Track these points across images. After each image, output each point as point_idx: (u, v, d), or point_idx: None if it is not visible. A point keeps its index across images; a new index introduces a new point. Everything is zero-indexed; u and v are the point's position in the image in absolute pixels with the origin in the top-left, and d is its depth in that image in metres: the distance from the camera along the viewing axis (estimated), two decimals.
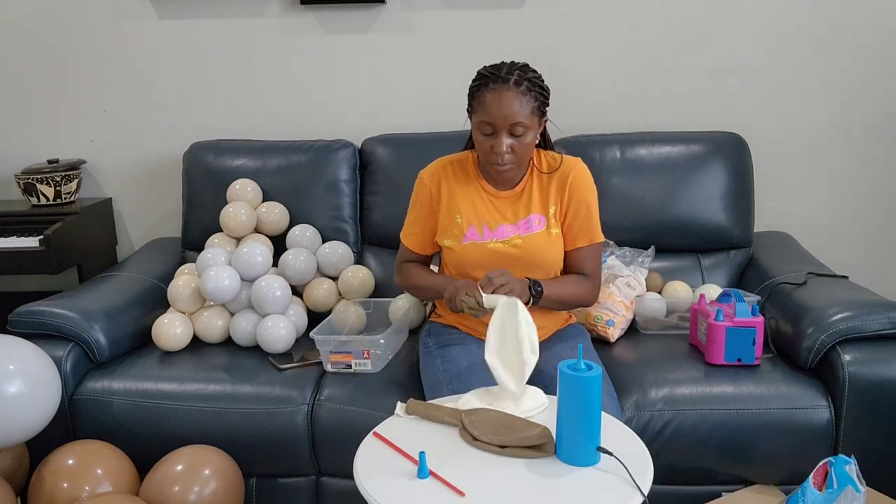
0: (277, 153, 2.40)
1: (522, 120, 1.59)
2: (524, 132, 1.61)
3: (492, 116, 1.59)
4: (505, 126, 1.60)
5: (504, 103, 1.58)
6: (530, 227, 1.73)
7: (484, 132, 1.63)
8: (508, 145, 1.62)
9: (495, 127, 1.61)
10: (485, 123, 1.61)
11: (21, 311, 1.92)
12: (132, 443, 1.84)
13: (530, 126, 1.62)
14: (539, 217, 1.74)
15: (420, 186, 1.80)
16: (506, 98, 1.58)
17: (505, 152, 1.62)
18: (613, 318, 2.00)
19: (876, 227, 2.53)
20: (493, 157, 1.64)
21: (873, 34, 2.39)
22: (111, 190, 2.68)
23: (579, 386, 1.23)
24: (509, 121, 1.59)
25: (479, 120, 1.63)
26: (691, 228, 2.26)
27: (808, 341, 1.76)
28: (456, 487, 1.19)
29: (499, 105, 1.58)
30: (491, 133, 1.62)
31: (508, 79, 1.60)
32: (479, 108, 1.62)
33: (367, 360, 1.87)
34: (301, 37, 2.52)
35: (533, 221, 1.74)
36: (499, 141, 1.61)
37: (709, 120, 2.47)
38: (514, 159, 1.64)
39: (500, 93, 1.59)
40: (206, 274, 2.00)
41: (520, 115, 1.59)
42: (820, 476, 1.52)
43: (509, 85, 1.59)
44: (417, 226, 1.82)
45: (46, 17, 2.56)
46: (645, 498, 1.18)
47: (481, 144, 1.65)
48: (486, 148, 1.64)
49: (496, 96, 1.59)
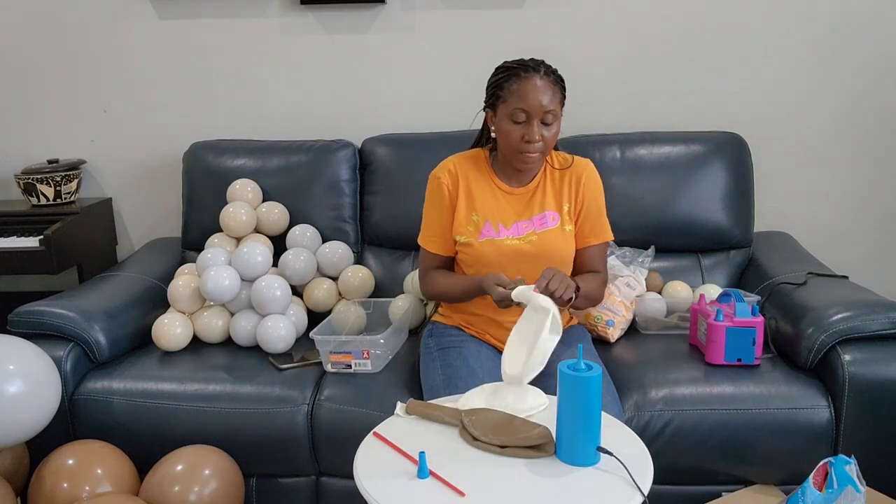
0: (277, 153, 2.40)
1: (554, 108, 1.63)
2: (553, 121, 1.65)
3: (528, 103, 1.61)
4: (539, 113, 1.62)
5: (540, 90, 1.61)
6: (545, 224, 1.76)
7: (517, 120, 1.63)
8: (540, 134, 1.63)
9: (530, 114, 1.62)
10: (519, 111, 1.62)
11: (21, 311, 1.92)
12: (132, 443, 1.84)
13: (558, 116, 1.66)
14: (553, 213, 1.76)
15: (436, 185, 1.79)
16: (540, 85, 1.62)
17: (538, 140, 1.63)
18: (613, 319, 2.00)
19: (876, 227, 2.53)
20: (525, 145, 1.64)
21: (873, 34, 2.39)
22: (111, 190, 2.68)
23: (579, 386, 1.23)
24: (544, 108, 1.62)
25: (513, 108, 1.63)
26: (691, 228, 2.26)
27: (808, 341, 1.76)
28: (456, 487, 1.19)
29: (535, 92, 1.61)
30: (524, 121, 1.63)
31: (539, 69, 1.64)
32: (511, 96, 1.63)
33: (367, 361, 1.87)
34: (301, 37, 2.52)
35: (548, 217, 1.76)
36: (532, 128, 1.63)
37: (709, 120, 2.47)
38: (542, 148, 1.66)
39: (534, 81, 1.62)
40: (206, 274, 2.00)
41: (552, 102, 1.63)
42: (820, 476, 1.52)
43: (541, 74, 1.63)
44: (437, 227, 1.80)
45: (46, 17, 2.56)
46: (645, 498, 1.18)
47: (511, 134, 1.65)
48: (517, 137, 1.64)
49: (531, 84, 1.62)
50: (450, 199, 1.78)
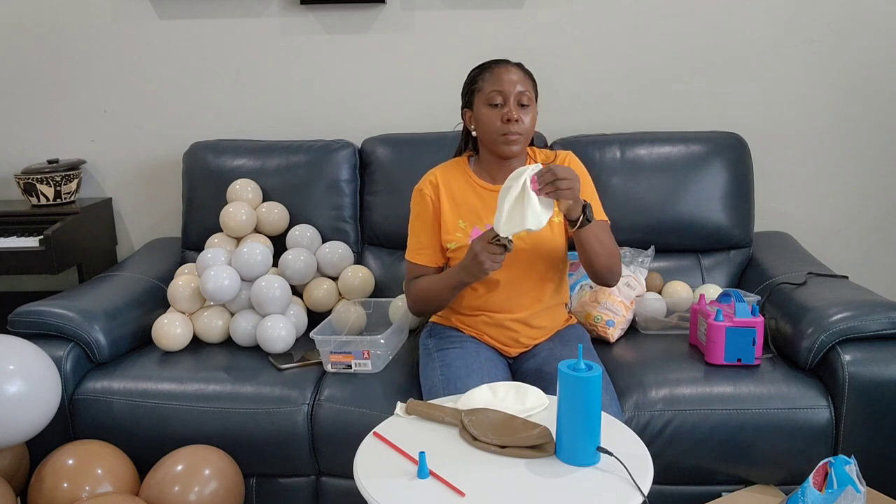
0: (277, 153, 2.40)
1: (528, 92, 1.69)
2: (529, 105, 1.70)
3: (502, 84, 1.68)
4: (514, 93, 1.68)
5: (513, 73, 1.70)
6: None
7: (494, 102, 1.69)
8: (518, 114, 1.68)
9: (505, 95, 1.68)
10: (496, 93, 1.68)
11: (21, 311, 1.92)
12: (132, 443, 1.84)
13: (532, 102, 1.71)
14: None
15: (420, 198, 1.80)
16: (512, 71, 1.71)
17: (516, 118, 1.67)
18: (613, 319, 2.00)
19: (876, 227, 2.53)
20: (505, 126, 1.68)
21: (873, 34, 2.40)
22: (111, 190, 2.68)
23: (579, 386, 1.23)
24: (518, 88, 1.68)
25: (488, 92, 1.69)
26: (691, 228, 2.26)
27: (808, 341, 1.76)
28: (456, 487, 1.19)
29: (508, 75, 1.69)
30: (500, 103, 1.68)
31: (509, 62, 1.73)
32: (486, 84, 1.70)
33: (367, 361, 1.87)
34: (301, 37, 2.52)
35: None
36: (510, 107, 1.67)
37: (709, 120, 2.47)
38: (522, 129, 1.69)
39: (507, 67, 1.72)
40: (206, 274, 2.01)
41: (525, 86, 1.69)
42: (820, 476, 1.52)
43: (510, 64, 1.73)
44: (424, 239, 1.80)
45: (46, 17, 2.56)
46: (645, 498, 1.18)
47: (491, 119, 1.69)
48: (496, 119, 1.69)
49: (504, 69, 1.71)
50: (434, 210, 1.79)
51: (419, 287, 1.79)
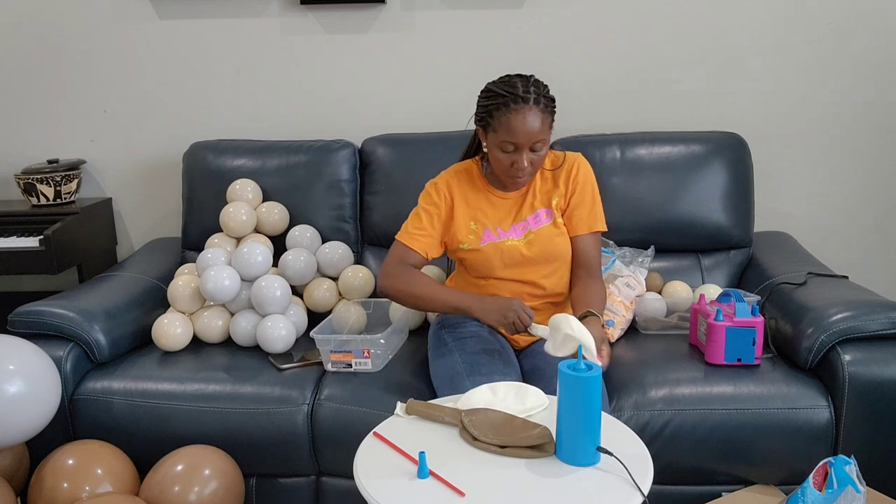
0: (277, 153, 2.40)
1: (543, 136, 1.66)
2: (542, 147, 1.68)
3: (516, 137, 1.63)
4: (528, 144, 1.65)
5: (528, 124, 1.62)
6: (539, 221, 1.80)
7: (505, 150, 1.67)
8: (529, 160, 1.67)
9: (518, 146, 1.66)
10: (507, 143, 1.65)
11: (21, 311, 1.92)
12: (132, 443, 1.84)
13: (547, 140, 1.69)
14: (546, 210, 1.81)
15: (434, 190, 1.82)
16: (529, 119, 1.62)
17: (526, 167, 1.67)
18: (613, 318, 2.00)
19: (876, 227, 2.53)
20: (514, 171, 1.69)
21: (873, 34, 2.40)
22: (111, 190, 2.68)
23: (579, 386, 1.23)
24: (533, 140, 1.65)
25: (501, 140, 1.66)
26: (691, 228, 2.26)
27: (808, 341, 1.76)
28: (456, 487, 1.19)
29: (524, 126, 1.62)
30: (512, 150, 1.67)
31: (528, 98, 1.63)
32: (501, 128, 1.64)
33: (368, 360, 1.87)
34: (301, 37, 2.52)
35: (541, 215, 1.81)
36: (521, 158, 1.66)
37: (709, 120, 2.47)
38: (531, 171, 1.71)
39: (524, 114, 1.62)
40: (206, 274, 2.01)
41: (542, 132, 1.65)
42: (820, 476, 1.52)
43: (530, 105, 1.63)
44: (425, 227, 1.80)
45: (46, 17, 2.56)
46: (645, 498, 1.18)
47: (501, 161, 1.69)
48: (507, 164, 1.69)
49: (520, 118, 1.62)
50: (447, 206, 1.81)
51: (416, 283, 1.76)
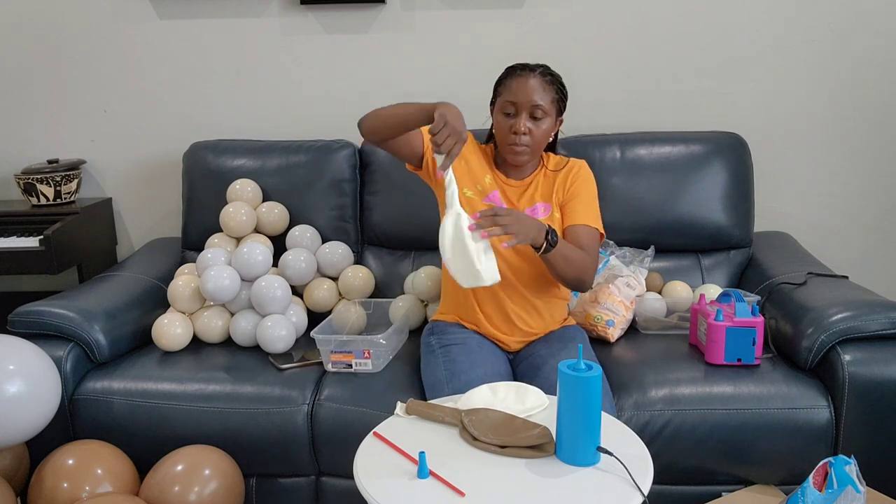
0: (277, 153, 2.40)
1: (543, 104, 1.71)
2: (543, 117, 1.73)
3: (516, 96, 1.71)
4: (527, 106, 1.71)
5: (529, 86, 1.71)
6: (536, 214, 1.81)
7: (506, 111, 1.73)
8: (527, 126, 1.71)
9: (517, 106, 1.71)
10: (508, 103, 1.72)
11: (21, 311, 1.92)
12: (132, 443, 1.84)
13: (548, 113, 1.73)
14: (544, 205, 1.82)
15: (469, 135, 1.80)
16: (531, 82, 1.72)
17: (523, 132, 1.71)
18: (613, 318, 2.00)
19: (876, 227, 2.53)
20: (512, 136, 1.73)
21: (873, 34, 2.40)
22: (111, 190, 2.68)
23: (579, 386, 1.23)
24: (531, 102, 1.70)
25: (503, 101, 1.74)
26: (691, 228, 2.26)
27: (808, 341, 1.76)
28: (456, 487, 1.19)
29: (524, 87, 1.71)
30: (512, 113, 1.73)
31: (535, 69, 1.74)
32: (505, 91, 1.74)
33: (368, 360, 1.87)
34: (301, 37, 2.52)
35: (539, 209, 1.82)
36: (519, 120, 1.71)
37: (709, 120, 2.47)
38: (529, 142, 1.73)
39: (527, 77, 1.72)
40: (206, 274, 2.01)
41: (541, 98, 1.71)
42: (820, 476, 1.52)
43: (535, 73, 1.73)
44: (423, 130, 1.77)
45: (46, 17, 2.56)
46: (645, 498, 1.18)
47: (501, 125, 1.75)
48: (506, 128, 1.74)
49: (522, 80, 1.72)
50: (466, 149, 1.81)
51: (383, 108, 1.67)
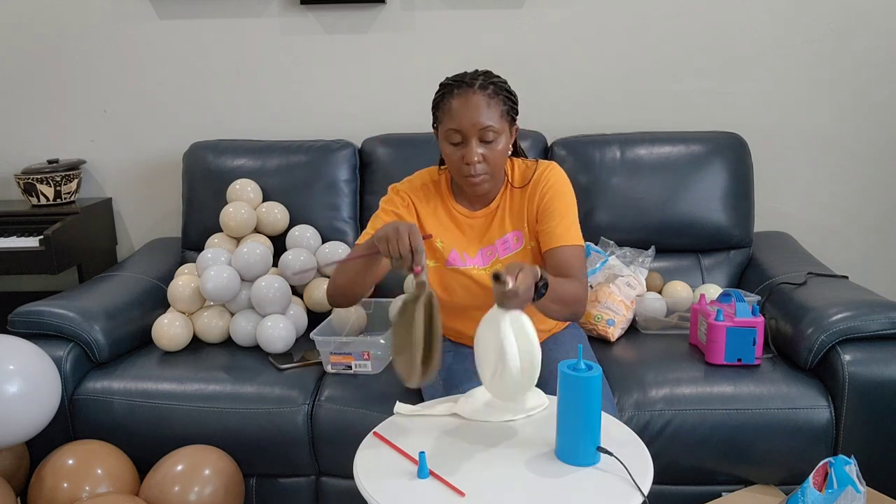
0: (277, 153, 2.39)
1: (492, 124, 1.52)
2: (495, 138, 1.53)
3: (460, 123, 1.51)
4: (474, 132, 1.51)
5: (472, 107, 1.51)
6: (508, 248, 1.66)
7: (452, 141, 1.54)
8: (480, 154, 1.53)
9: (464, 134, 1.52)
10: (453, 131, 1.53)
11: (21, 311, 1.92)
12: (132, 443, 1.84)
13: (500, 131, 1.54)
14: (516, 234, 1.66)
15: (399, 198, 1.68)
16: (472, 102, 1.51)
17: (476, 161, 1.52)
18: (614, 318, 2.00)
19: (876, 226, 2.53)
20: (465, 168, 1.54)
21: (873, 35, 2.40)
22: (111, 190, 2.68)
23: (579, 386, 1.23)
24: (478, 126, 1.51)
25: (446, 129, 1.54)
26: (691, 228, 2.26)
27: (808, 341, 1.76)
28: (456, 487, 1.19)
29: (466, 109, 1.51)
30: (460, 142, 1.54)
31: (473, 83, 1.53)
32: (446, 116, 1.54)
33: (368, 362, 1.87)
34: (301, 37, 2.52)
35: (510, 241, 1.66)
36: (469, 149, 1.52)
37: (709, 120, 2.47)
38: (486, 169, 1.55)
39: (467, 97, 1.51)
40: (206, 274, 2.00)
41: (489, 118, 1.51)
42: (820, 476, 1.52)
43: (475, 89, 1.52)
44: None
45: (46, 17, 2.56)
46: (645, 498, 1.18)
47: (451, 157, 1.56)
48: (457, 159, 1.55)
49: (462, 101, 1.51)
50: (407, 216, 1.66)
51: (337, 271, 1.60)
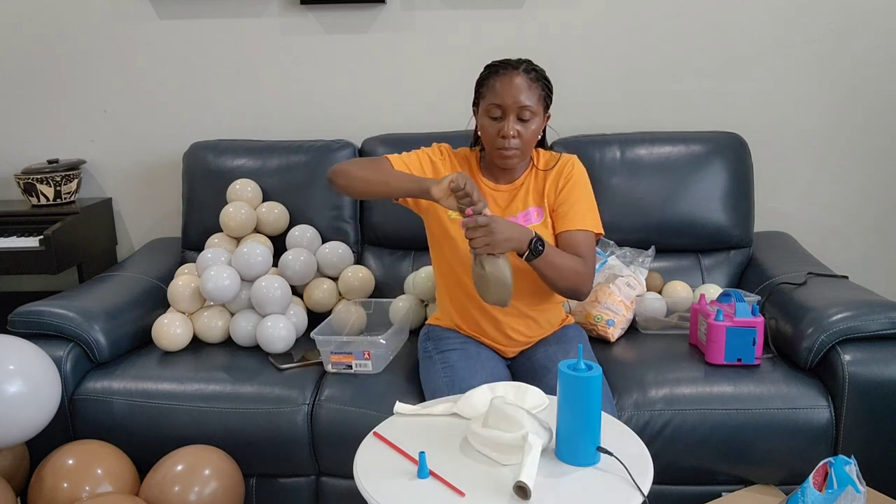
0: (277, 153, 2.40)
1: (530, 105, 1.64)
2: (531, 118, 1.66)
3: (502, 98, 1.64)
4: (514, 109, 1.64)
5: (514, 86, 1.64)
6: (529, 220, 1.75)
7: (492, 115, 1.66)
8: (515, 129, 1.65)
9: (504, 109, 1.65)
10: (494, 106, 1.65)
11: (21, 311, 1.92)
12: (132, 443, 1.84)
13: (536, 113, 1.67)
14: (537, 210, 1.76)
15: (441, 150, 1.81)
16: (516, 82, 1.64)
17: (512, 135, 1.65)
18: (613, 318, 2.00)
19: (876, 226, 2.53)
20: (500, 140, 1.66)
21: (873, 35, 2.39)
22: (111, 190, 2.68)
23: (579, 386, 1.23)
24: (518, 104, 1.64)
25: (488, 104, 1.66)
26: (691, 228, 2.26)
27: (808, 341, 1.76)
28: (456, 487, 1.19)
29: (509, 88, 1.64)
30: (499, 116, 1.66)
31: (518, 66, 1.67)
32: (489, 92, 1.67)
33: (368, 361, 1.87)
34: (301, 37, 2.52)
35: (532, 214, 1.76)
36: (507, 123, 1.65)
37: (709, 120, 2.47)
38: (519, 145, 1.67)
39: (511, 77, 1.65)
40: (206, 274, 2.01)
41: (528, 99, 1.64)
42: (820, 476, 1.52)
43: (519, 71, 1.66)
44: (414, 165, 1.75)
45: (46, 17, 2.56)
46: (645, 498, 1.18)
47: (488, 130, 1.68)
48: (494, 132, 1.67)
49: (507, 80, 1.65)
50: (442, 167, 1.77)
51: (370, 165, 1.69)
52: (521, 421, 1.26)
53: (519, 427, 1.25)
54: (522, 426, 1.25)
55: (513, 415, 1.27)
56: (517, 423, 1.26)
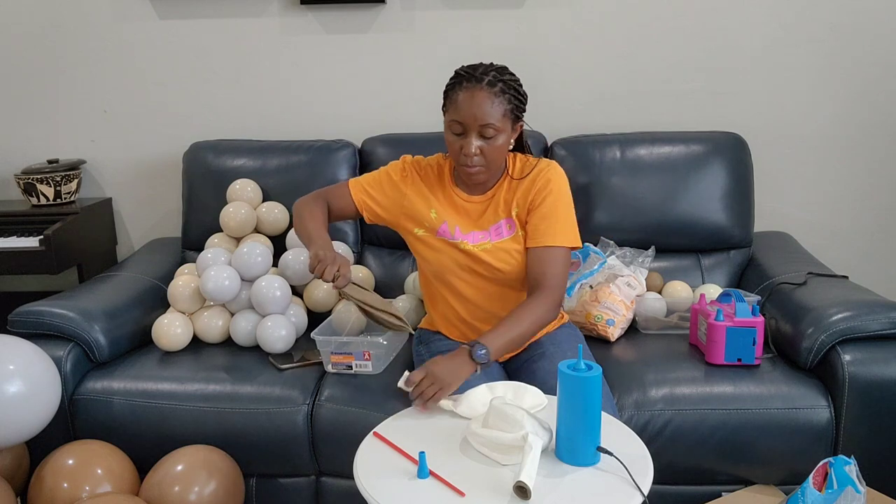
0: (277, 153, 2.40)
1: (493, 122, 1.56)
2: (495, 135, 1.58)
3: (462, 116, 1.56)
4: (475, 127, 1.56)
5: (475, 103, 1.55)
6: (501, 233, 1.70)
7: (454, 131, 1.60)
8: (478, 147, 1.58)
9: (465, 127, 1.57)
10: (455, 123, 1.58)
11: (21, 311, 1.92)
12: (132, 443, 1.84)
13: (501, 129, 1.58)
14: (509, 221, 1.70)
15: (404, 166, 1.77)
16: (478, 98, 1.55)
17: (474, 154, 1.58)
18: (613, 318, 2.00)
19: (876, 227, 2.53)
20: (462, 158, 1.60)
21: (873, 34, 2.40)
22: (111, 190, 2.68)
23: (579, 386, 1.23)
24: (479, 121, 1.55)
25: (450, 119, 1.60)
26: (691, 228, 2.26)
27: (808, 341, 1.76)
28: (456, 487, 1.19)
29: (470, 104, 1.55)
30: (461, 133, 1.59)
31: (483, 79, 1.57)
32: (451, 106, 1.59)
33: (368, 362, 1.87)
34: (301, 37, 2.52)
35: (503, 227, 1.70)
36: (468, 141, 1.58)
37: (709, 120, 2.47)
38: (483, 162, 1.60)
39: (473, 92, 1.56)
40: (206, 274, 2.00)
41: (490, 116, 1.55)
42: (820, 476, 1.52)
43: (482, 85, 1.56)
44: (374, 187, 1.77)
45: (46, 17, 2.56)
46: (645, 498, 1.18)
47: (451, 145, 1.62)
48: (456, 148, 1.61)
49: (468, 95, 1.56)
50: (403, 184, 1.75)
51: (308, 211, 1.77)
52: (521, 421, 1.26)
53: (519, 427, 1.26)
54: (522, 426, 1.25)
55: (513, 415, 1.27)
56: (517, 424, 1.26)
